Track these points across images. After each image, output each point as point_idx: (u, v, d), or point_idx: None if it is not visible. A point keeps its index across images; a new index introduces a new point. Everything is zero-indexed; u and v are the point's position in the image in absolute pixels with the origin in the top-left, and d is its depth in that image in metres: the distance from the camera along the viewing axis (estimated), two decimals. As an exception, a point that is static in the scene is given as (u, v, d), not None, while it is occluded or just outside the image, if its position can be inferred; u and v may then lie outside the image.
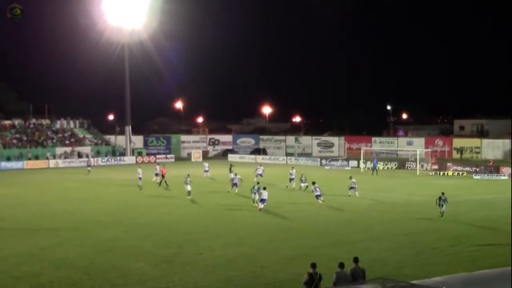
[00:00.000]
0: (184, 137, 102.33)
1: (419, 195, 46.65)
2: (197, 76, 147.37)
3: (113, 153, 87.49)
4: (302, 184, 48.79)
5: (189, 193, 44.64)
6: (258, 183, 44.02)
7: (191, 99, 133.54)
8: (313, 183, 42.09)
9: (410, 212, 38.13)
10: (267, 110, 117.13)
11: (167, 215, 36.63)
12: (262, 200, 38.50)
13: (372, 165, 67.07)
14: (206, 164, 62.96)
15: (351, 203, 42.12)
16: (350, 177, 47.13)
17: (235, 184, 47.35)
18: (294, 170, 52.25)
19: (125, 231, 31.30)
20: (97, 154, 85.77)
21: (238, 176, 48.64)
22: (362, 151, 75.44)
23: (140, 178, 53.01)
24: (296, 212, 38.05)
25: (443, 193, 36.13)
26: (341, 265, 16.86)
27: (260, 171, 56.63)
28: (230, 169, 55.34)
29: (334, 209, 39.05)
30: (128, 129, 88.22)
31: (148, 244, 27.84)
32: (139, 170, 54.17)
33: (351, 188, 45.49)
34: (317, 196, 40.65)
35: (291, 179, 51.19)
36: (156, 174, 55.57)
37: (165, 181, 52.33)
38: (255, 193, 40.71)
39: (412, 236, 29.73)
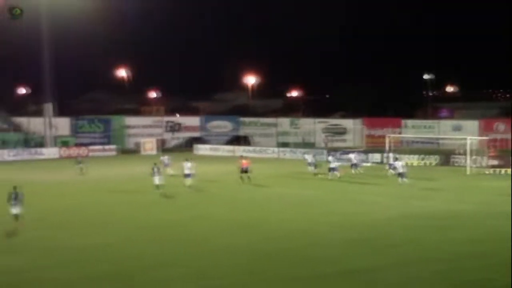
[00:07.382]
0: (130, 120, 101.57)
1: (467, 203, 46.36)
2: (149, 34, 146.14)
3: (26, 143, 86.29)
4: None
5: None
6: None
7: (139, 65, 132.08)
8: (396, 158, 60.72)
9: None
10: (250, 80, 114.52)
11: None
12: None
13: (354, 160, 65.79)
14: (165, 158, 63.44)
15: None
16: (396, 158, 60.01)
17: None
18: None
19: None
20: (2, 144, 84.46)
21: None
22: (387, 140, 74.25)
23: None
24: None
25: None
26: None
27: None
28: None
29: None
30: (49, 108, 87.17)
31: None
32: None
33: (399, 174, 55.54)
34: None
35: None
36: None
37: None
38: None
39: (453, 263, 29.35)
